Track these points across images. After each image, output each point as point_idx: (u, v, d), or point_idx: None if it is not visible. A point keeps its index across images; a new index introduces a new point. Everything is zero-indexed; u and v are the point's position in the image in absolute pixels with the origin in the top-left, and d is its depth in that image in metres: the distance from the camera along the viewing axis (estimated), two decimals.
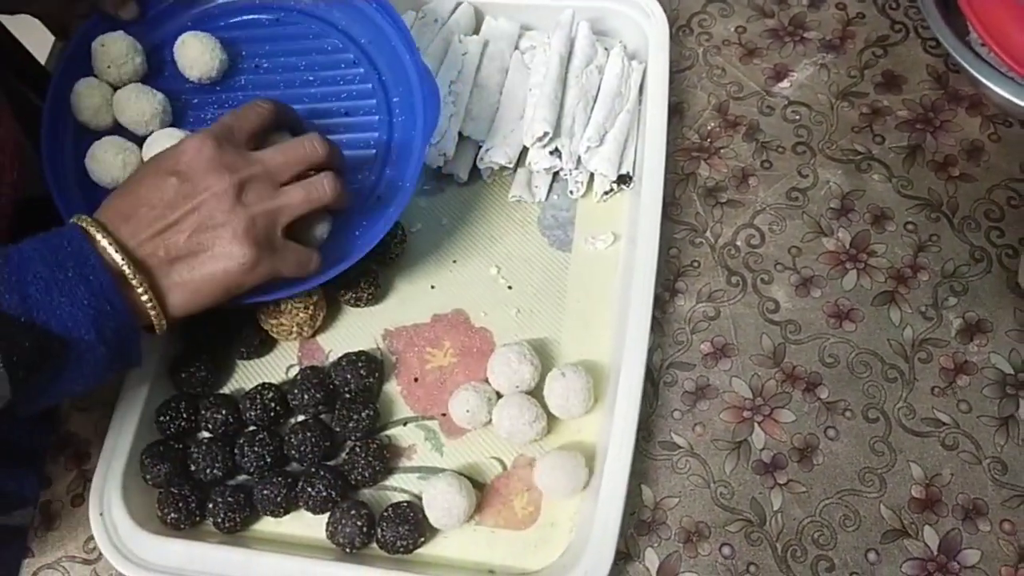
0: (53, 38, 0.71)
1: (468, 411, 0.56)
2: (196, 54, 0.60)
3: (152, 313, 0.48)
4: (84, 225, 0.48)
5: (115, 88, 0.60)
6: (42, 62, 0.77)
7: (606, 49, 0.69)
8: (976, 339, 0.59)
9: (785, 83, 0.70)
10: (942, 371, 0.59)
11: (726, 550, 0.55)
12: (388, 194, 0.58)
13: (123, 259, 0.47)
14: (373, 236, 0.56)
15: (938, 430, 0.57)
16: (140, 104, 0.59)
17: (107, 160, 0.57)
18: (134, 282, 0.47)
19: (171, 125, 0.61)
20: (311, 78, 0.63)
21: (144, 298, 0.48)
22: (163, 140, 0.57)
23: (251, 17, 0.65)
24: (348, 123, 0.61)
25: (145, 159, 0.58)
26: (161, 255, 0.48)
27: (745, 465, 0.57)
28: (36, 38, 0.71)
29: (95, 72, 0.61)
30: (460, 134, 0.66)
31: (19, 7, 0.61)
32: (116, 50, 0.60)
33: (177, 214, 0.48)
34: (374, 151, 0.60)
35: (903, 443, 0.57)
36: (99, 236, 0.47)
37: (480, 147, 0.67)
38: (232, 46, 0.63)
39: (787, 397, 0.59)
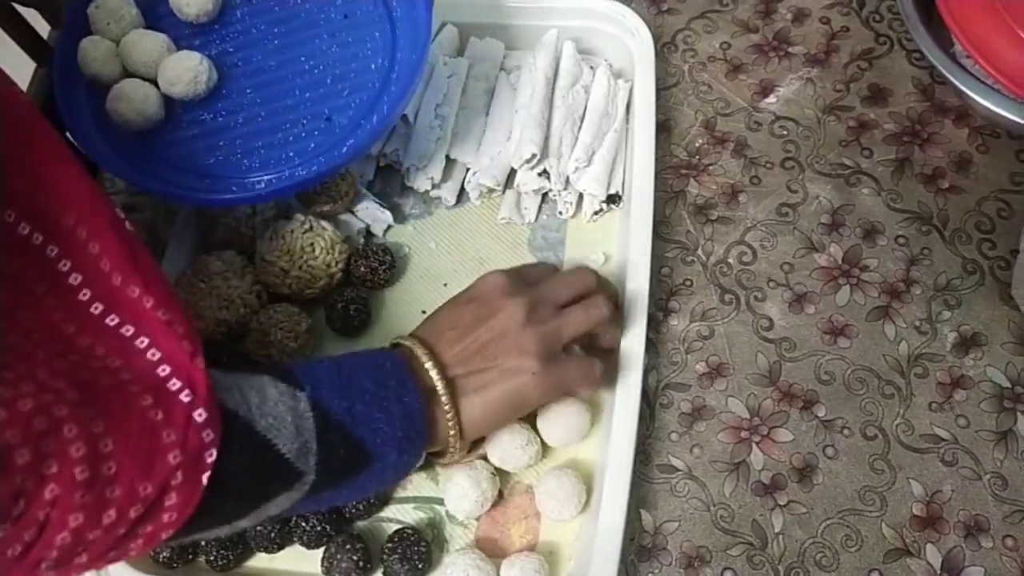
0: None
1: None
2: None
3: (451, 432, 0.50)
4: (409, 344, 0.50)
5: (117, 43, 0.60)
6: None
7: (592, 68, 0.69)
8: (972, 352, 0.59)
9: (771, 98, 0.70)
10: (939, 386, 0.58)
11: (728, 574, 0.54)
12: (404, 74, 0.59)
13: (439, 376, 0.49)
14: (394, 109, 0.58)
15: (937, 446, 0.57)
16: (146, 45, 0.59)
17: (132, 96, 0.58)
18: (443, 398, 0.49)
19: None
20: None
21: (448, 415, 0.49)
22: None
23: None
24: (349, 24, 0.62)
25: (161, 80, 0.58)
26: (459, 371, 0.50)
27: (744, 487, 0.56)
28: None
29: (95, 32, 0.60)
30: (447, 157, 0.66)
31: None
32: (112, 5, 0.60)
33: (475, 332, 0.50)
34: (380, 41, 0.61)
35: (902, 460, 0.56)
36: (421, 353, 0.49)
37: (468, 169, 0.66)
38: None
39: (784, 416, 0.58)
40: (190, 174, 0.58)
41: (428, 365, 0.49)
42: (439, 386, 0.49)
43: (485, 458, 0.56)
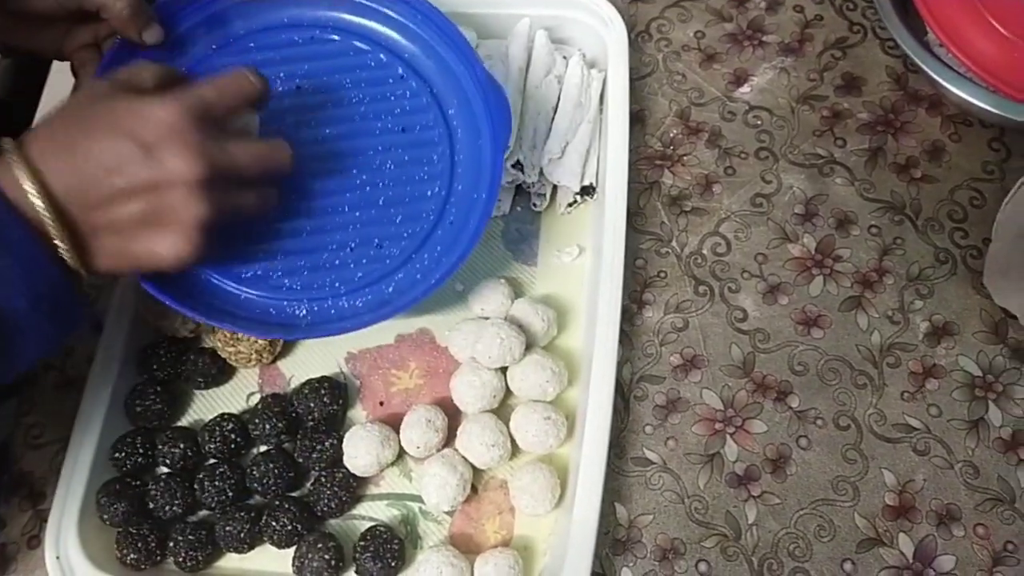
0: None
1: (419, 447, 0.55)
2: None
3: (71, 263, 0.44)
4: (9, 161, 0.42)
5: None
6: None
7: (565, 58, 0.68)
8: (944, 342, 0.59)
9: (746, 88, 0.70)
10: (911, 375, 0.58)
11: (702, 566, 0.54)
12: (462, 212, 0.56)
13: (45, 206, 0.42)
14: (458, 255, 0.54)
15: (909, 436, 0.57)
16: None
17: None
18: (56, 239, 0.42)
19: None
20: (359, 96, 0.58)
21: (66, 254, 0.43)
22: None
23: (283, 36, 0.60)
24: (407, 140, 0.58)
25: None
26: (101, 222, 0.44)
27: (719, 478, 0.56)
28: None
29: None
30: None
31: (18, 44, 0.56)
32: None
33: (132, 186, 0.43)
34: (439, 166, 0.57)
35: (875, 450, 0.56)
36: (24, 179, 0.41)
37: None
38: (267, 68, 0.54)
39: (758, 407, 0.58)
40: (223, 286, 0.54)
41: (32, 194, 0.41)
42: (48, 222, 0.42)
43: None
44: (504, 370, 0.57)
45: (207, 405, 0.60)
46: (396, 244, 0.55)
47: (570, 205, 0.64)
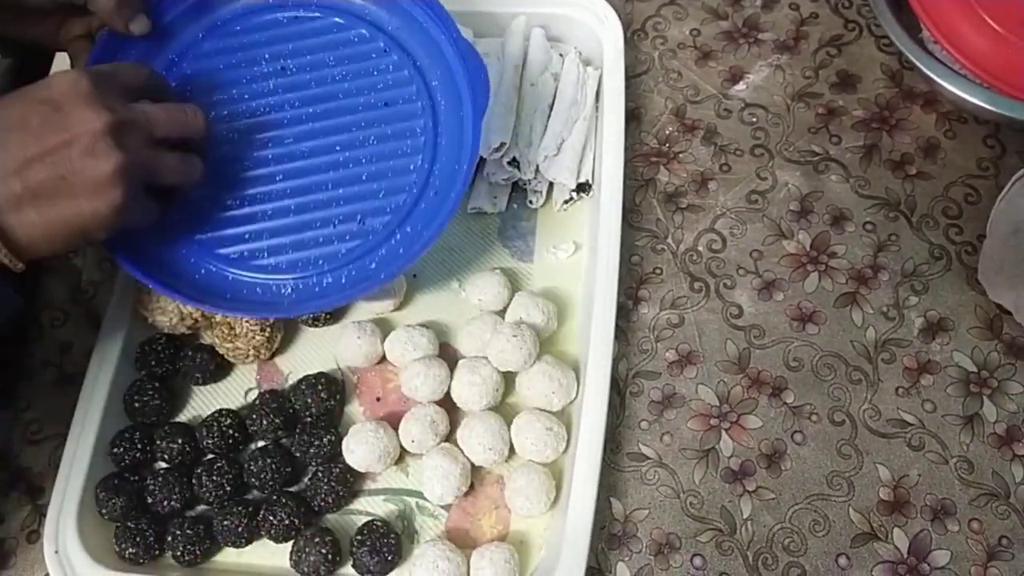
0: None
1: (413, 441, 0.56)
2: None
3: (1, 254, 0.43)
4: None
5: None
6: None
7: (561, 55, 0.68)
8: (938, 338, 0.60)
9: (741, 85, 0.70)
10: (906, 371, 0.59)
11: (697, 560, 0.54)
12: (444, 184, 0.55)
13: None
14: (437, 227, 0.53)
15: (904, 431, 0.57)
16: None
17: None
18: None
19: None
20: (343, 72, 0.59)
21: None
22: None
23: (268, 17, 0.60)
24: (389, 114, 0.58)
25: None
26: (17, 190, 0.43)
27: (714, 473, 0.57)
28: None
29: None
30: None
31: (14, 36, 0.57)
32: None
33: (44, 147, 0.43)
34: (422, 139, 0.57)
35: (869, 445, 0.57)
36: None
37: None
38: (253, 50, 0.59)
39: (753, 403, 0.58)
40: (210, 267, 0.54)
41: None
42: None
43: None
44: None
45: (205, 401, 0.60)
46: (379, 218, 0.55)
47: (566, 202, 0.65)
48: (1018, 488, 0.55)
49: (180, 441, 0.56)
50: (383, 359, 0.60)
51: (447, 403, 0.57)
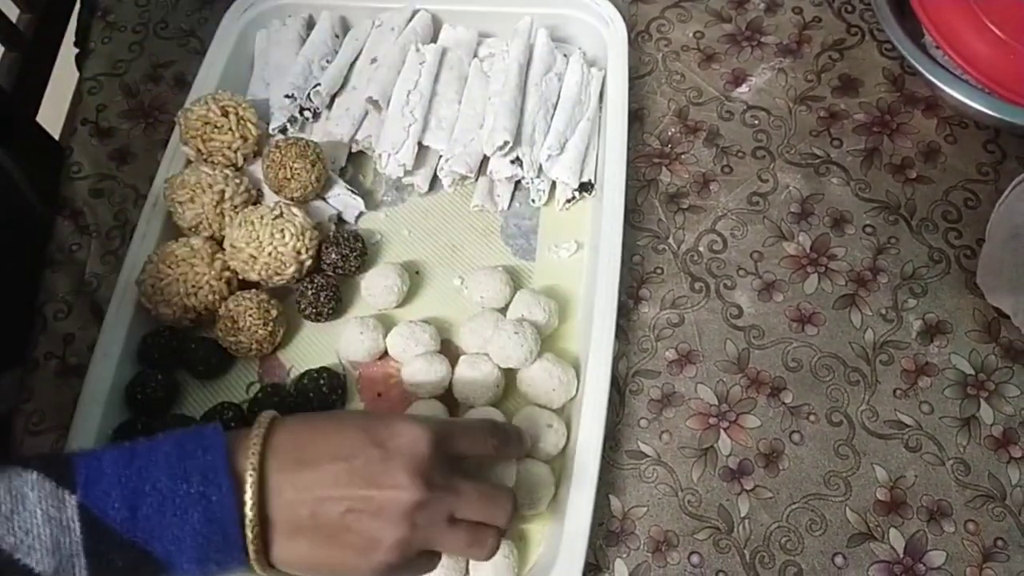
0: None
1: None
2: None
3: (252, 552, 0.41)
4: (254, 444, 0.42)
5: None
6: None
7: (565, 56, 0.69)
8: (936, 340, 0.60)
9: (744, 88, 0.71)
10: (903, 373, 0.59)
11: (695, 558, 0.55)
12: None
13: (252, 520, 0.40)
14: None
15: (901, 432, 0.57)
16: None
17: None
18: (248, 531, 0.41)
19: None
20: None
21: (252, 546, 0.41)
22: None
23: None
24: None
25: None
26: (303, 515, 0.42)
27: (712, 472, 0.57)
28: None
29: None
30: (420, 144, 0.66)
31: None
32: None
33: (349, 491, 0.42)
34: None
35: (867, 446, 0.57)
36: (250, 470, 0.41)
37: (440, 157, 0.66)
38: None
39: (752, 403, 0.59)
40: None
41: (249, 490, 0.40)
42: (248, 514, 0.40)
43: None
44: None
45: (207, 394, 0.61)
46: None
47: (568, 201, 0.65)
48: (1014, 490, 0.55)
49: None
50: (385, 354, 0.60)
51: (448, 399, 0.58)
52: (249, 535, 0.41)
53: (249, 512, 0.40)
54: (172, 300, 0.58)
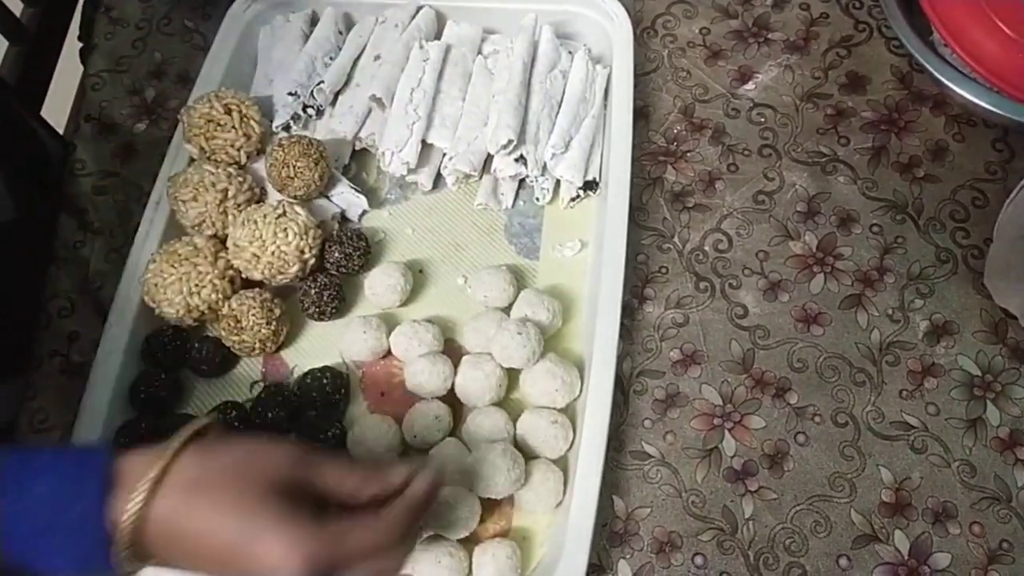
0: None
1: (416, 436, 0.56)
2: None
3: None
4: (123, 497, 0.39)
5: None
6: None
7: (570, 53, 0.68)
8: (943, 341, 0.60)
9: (750, 85, 0.70)
10: (910, 374, 0.59)
11: (698, 560, 0.54)
12: None
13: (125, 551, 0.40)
14: None
15: (907, 433, 0.57)
16: None
17: None
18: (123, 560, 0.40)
19: None
20: None
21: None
22: None
23: None
24: None
25: None
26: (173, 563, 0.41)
27: (716, 473, 0.57)
28: None
29: None
30: (423, 142, 0.65)
31: None
32: None
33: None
34: None
35: (872, 447, 0.57)
36: (125, 522, 0.39)
37: (444, 155, 0.66)
38: None
39: (757, 403, 0.58)
40: None
41: (124, 531, 0.39)
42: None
43: None
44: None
45: (211, 393, 0.60)
46: None
47: (573, 200, 0.65)
48: (1020, 492, 0.55)
49: None
50: (388, 354, 0.60)
51: (452, 399, 0.58)
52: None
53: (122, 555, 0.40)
54: (175, 299, 0.58)
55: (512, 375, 0.58)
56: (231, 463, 0.42)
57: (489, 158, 0.65)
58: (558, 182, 0.65)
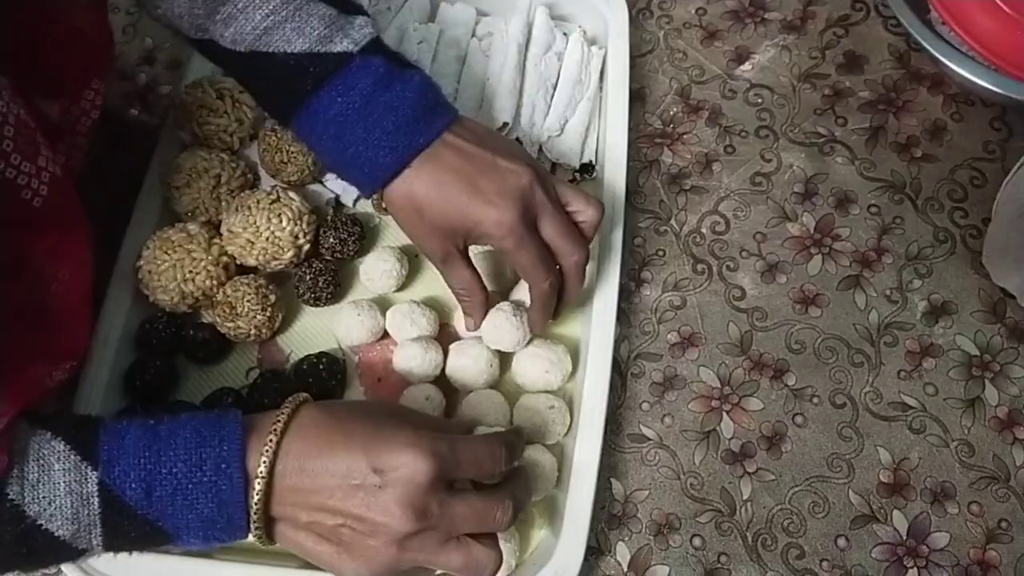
0: None
1: None
2: None
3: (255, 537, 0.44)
4: (268, 436, 0.43)
5: None
6: None
7: (565, 34, 0.68)
8: (941, 321, 0.59)
9: (747, 66, 0.70)
10: (908, 354, 0.59)
11: (697, 541, 0.54)
12: None
13: (257, 512, 0.43)
14: None
15: (905, 414, 0.57)
16: None
17: None
18: (252, 523, 0.43)
19: None
20: None
21: (255, 533, 0.44)
22: None
23: None
24: None
25: None
26: (302, 521, 0.44)
27: (714, 455, 0.57)
28: None
29: None
30: None
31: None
32: None
33: (344, 508, 0.43)
34: None
35: (870, 428, 0.57)
36: (260, 471, 0.42)
37: None
38: None
39: (755, 385, 0.58)
40: None
41: (256, 491, 0.42)
42: (254, 518, 0.43)
43: None
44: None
45: (206, 380, 0.60)
46: None
47: (569, 183, 0.64)
48: (1018, 471, 0.55)
49: None
50: (385, 335, 0.60)
51: (446, 383, 0.57)
52: (253, 526, 0.43)
53: (255, 506, 0.43)
54: (169, 286, 0.57)
55: (507, 357, 0.58)
56: (347, 407, 0.47)
57: None
58: (554, 165, 0.65)
